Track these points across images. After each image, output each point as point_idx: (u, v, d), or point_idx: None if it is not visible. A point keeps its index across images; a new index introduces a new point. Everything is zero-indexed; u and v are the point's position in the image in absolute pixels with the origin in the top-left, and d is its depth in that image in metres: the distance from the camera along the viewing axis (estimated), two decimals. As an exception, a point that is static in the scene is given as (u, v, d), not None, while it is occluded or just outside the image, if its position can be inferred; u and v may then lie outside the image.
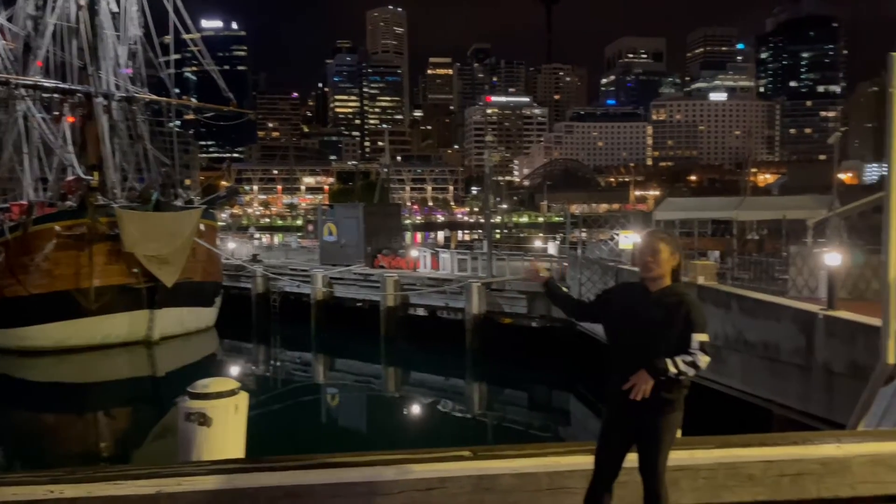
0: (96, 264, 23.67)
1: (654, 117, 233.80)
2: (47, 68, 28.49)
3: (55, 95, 28.85)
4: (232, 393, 4.73)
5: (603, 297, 3.66)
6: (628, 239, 20.71)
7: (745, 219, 26.43)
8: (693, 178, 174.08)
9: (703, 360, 3.25)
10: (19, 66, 28.01)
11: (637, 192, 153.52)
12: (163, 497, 3.38)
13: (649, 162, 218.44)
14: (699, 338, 3.25)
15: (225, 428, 4.65)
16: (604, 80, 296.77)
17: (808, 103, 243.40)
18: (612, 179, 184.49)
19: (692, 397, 5.76)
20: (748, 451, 4.12)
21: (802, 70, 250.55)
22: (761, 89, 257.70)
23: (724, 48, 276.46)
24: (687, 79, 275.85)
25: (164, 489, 3.40)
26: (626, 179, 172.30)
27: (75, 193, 26.42)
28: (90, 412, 18.17)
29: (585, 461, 3.90)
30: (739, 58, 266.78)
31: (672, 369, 3.20)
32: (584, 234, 30.21)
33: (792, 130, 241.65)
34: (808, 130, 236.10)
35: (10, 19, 28.75)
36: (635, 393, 3.22)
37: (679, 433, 3.54)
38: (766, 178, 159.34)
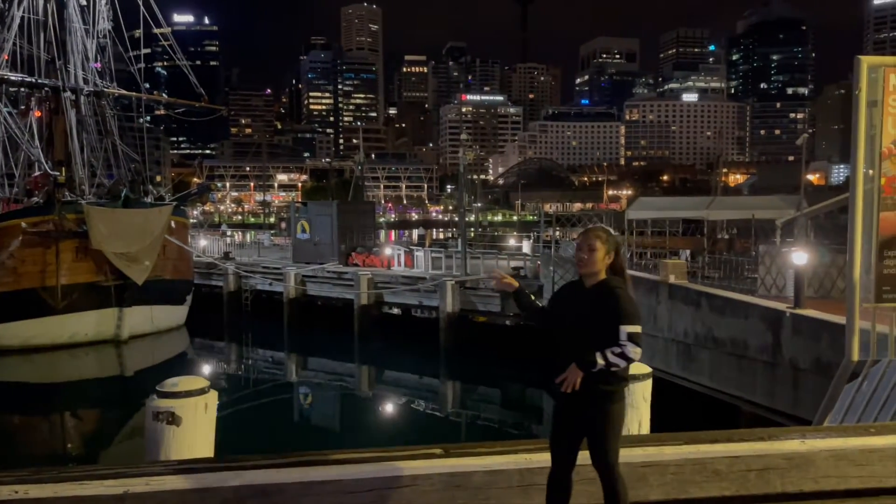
0: (63, 262, 23.25)
1: (628, 117, 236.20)
2: (14, 61, 27.88)
3: (22, 89, 28.26)
4: (201, 392, 4.67)
5: (552, 303, 3.74)
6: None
7: (715, 218, 26.83)
8: (665, 177, 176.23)
9: (634, 351, 3.29)
10: (-17, 59, 27.32)
11: (610, 192, 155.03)
12: (130, 497, 3.33)
13: (622, 161, 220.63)
14: (628, 329, 3.29)
15: (194, 427, 4.60)
16: (578, 80, 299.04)
17: (778, 105, 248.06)
18: (586, 179, 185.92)
19: (661, 393, 5.85)
20: (715, 446, 4.19)
21: (772, 72, 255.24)
22: (732, 90, 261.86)
23: (696, 49, 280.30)
24: (660, 79, 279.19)
25: (132, 489, 3.36)
26: (600, 179, 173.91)
27: (42, 189, 25.94)
28: (56, 413, 17.83)
29: (556, 458, 3.93)
30: (711, 59, 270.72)
31: (600, 361, 3.26)
32: (557, 233, 30.37)
33: (762, 131, 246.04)
34: (777, 131, 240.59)
35: (-27, 11, 28.06)
36: (565, 386, 3.31)
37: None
38: (736, 179, 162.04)
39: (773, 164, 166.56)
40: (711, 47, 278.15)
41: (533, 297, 3.82)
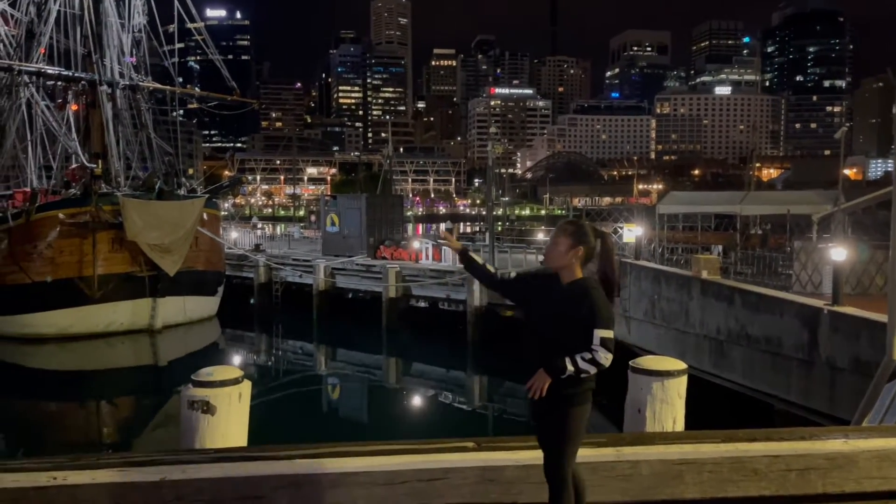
0: (99, 252, 23.68)
1: (658, 111, 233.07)
2: (50, 55, 28.41)
3: (59, 83, 28.79)
4: (236, 381, 4.71)
5: (522, 280, 3.53)
6: (632, 232, 20.67)
7: (748, 213, 26.35)
8: (696, 172, 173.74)
9: (605, 357, 3.12)
10: (22, 53, 27.91)
11: (640, 186, 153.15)
12: (166, 484, 3.37)
13: (653, 156, 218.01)
14: (601, 334, 3.12)
15: (228, 416, 4.64)
16: (608, 73, 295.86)
17: (814, 98, 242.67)
18: (616, 173, 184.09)
19: (692, 390, 5.75)
20: (754, 445, 4.10)
21: (808, 64, 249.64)
22: (766, 83, 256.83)
23: (729, 42, 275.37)
24: (692, 72, 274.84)
25: (168, 476, 3.40)
26: (630, 173, 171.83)
27: (79, 181, 26.41)
28: (93, 400, 18.21)
29: (590, 453, 3.89)
30: (745, 52, 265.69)
31: (570, 368, 3.09)
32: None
33: (797, 125, 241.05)
34: (812, 125, 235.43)
35: (12, 4, 28.65)
36: (532, 392, 3.16)
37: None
38: (770, 173, 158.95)
39: (807, 158, 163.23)
40: (746, 39, 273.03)
41: (482, 262, 3.61)
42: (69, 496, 3.26)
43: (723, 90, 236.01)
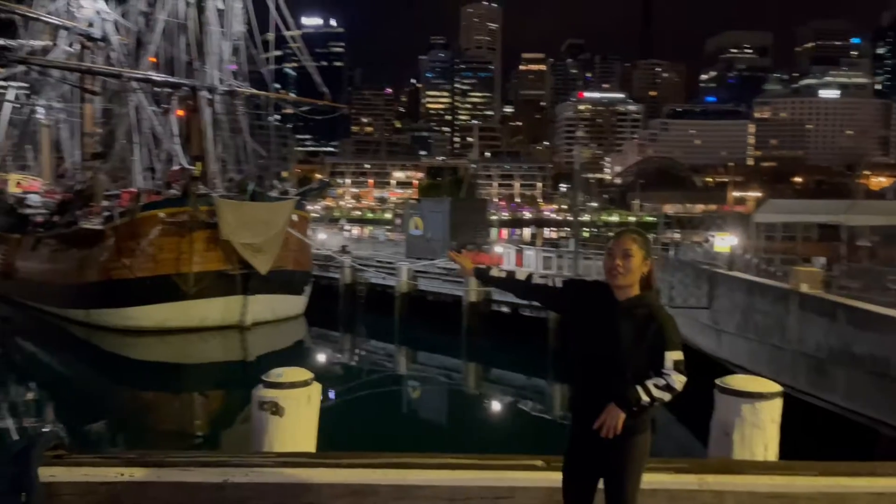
0: (196, 251, 24.68)
1: (758, 115, 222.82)
2: (156, 63, 30.04)
3: (164, 89, 30.38)
4: (305, 384, 4.71)
5: (571, 290, 3.20)
6: (724, 241, 19.75)
7: (855, 224, 24.63)
8: (798, 179, 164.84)
9: (680, 381, 2.83)
10: (132, 61, 29.63)
11: (736, 193, 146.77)
12: (229, 486, 3.38)
13: (750, 162, 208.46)
14: (673, 356, 2.83)
15: (297, 418, 4.64)
16: (703, 76, 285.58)
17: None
18: (710, 179, 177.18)
19: (787, 412, 5.32)
20: (856, 480, 3.71)
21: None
22: (878, 87, 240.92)
23: (836, 43, 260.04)
24: (795, 75, 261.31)
25: (231, 479, 3.40)
26: (725, 179, 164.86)
27: (179, 182, 27.74)
28: (183, 392, 19.05)
29: (669, 479, 3.62)
30: (854, 53, 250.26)
31: (644, 398, 2.80)
32: (677, 236, 29.07)
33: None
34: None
35: (123, 15, 30.49)
36: (605, 431, 2.84)
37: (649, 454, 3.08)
38: (879, 182, 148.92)
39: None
40: (855, 40, 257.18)
41: (504, 274, 3.32)
42: (136, 492, 3.32)
43: (829, 93, 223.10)
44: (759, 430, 4.83)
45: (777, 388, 5.01)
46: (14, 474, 3.04)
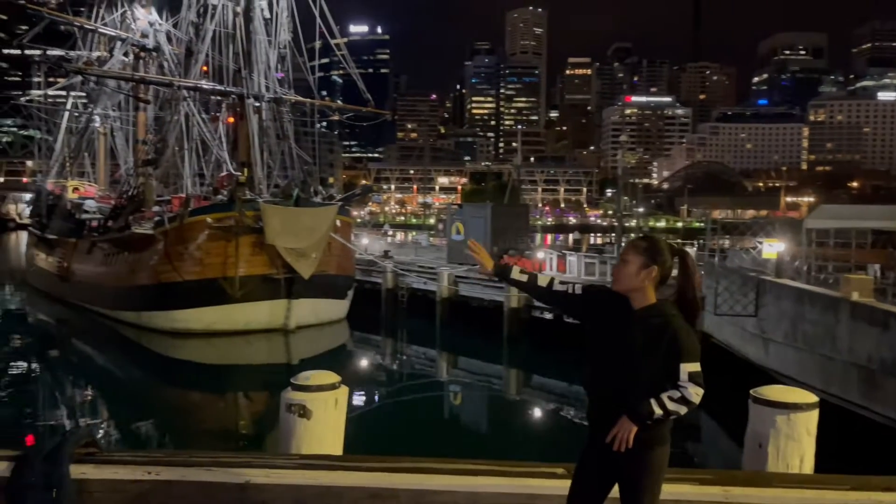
0: (242, 255, 25.16)
1: (812, 118, 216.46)
2: (208, 72, 30.86)
3: (213, 97, 31.17)
4: (332, 387, 4.77)
5: (589, 297, 3.13)
6: (773, 248, 19.21)
7: (913, 230, 23.68)
8: (854, 184, 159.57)
9: (696, 393, 2.74)
10: (182, 70, 30.48)
11: (788, 198, 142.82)
12: (251, 487, 3.44)
13: (804, 166, 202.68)
14: (689, 368, 2.74)
15: (324, 421, 4.70)
16: (755, 79, 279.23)
17: None
18: (761, 184, 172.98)
19: (835, 424, 5.14)
20: (889, 496, 3.57)
21: None
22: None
23: (894, 44, 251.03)
24: (851, 77, 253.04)
25: (253, 480, 3.47)
26: (777, 184, 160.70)
27: (226, 188, 28.37)
28: (220, 393, 19.37)
29: (692, 491, 3.55)
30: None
31: (658, 411, 2.73)
32: (726, 242, 28.40)
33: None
34: None
35: (175, 26, 31.42)
36: (617, 444, 2.79)
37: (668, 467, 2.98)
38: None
39: None
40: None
41: (526, 277, 3.20)
42: (162, 491, 3.41)
43: (887, 96, 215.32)
44: (795, 441, 4.69)
45: (813, 398, 4.86)
46: (46, 471, 3.18)
